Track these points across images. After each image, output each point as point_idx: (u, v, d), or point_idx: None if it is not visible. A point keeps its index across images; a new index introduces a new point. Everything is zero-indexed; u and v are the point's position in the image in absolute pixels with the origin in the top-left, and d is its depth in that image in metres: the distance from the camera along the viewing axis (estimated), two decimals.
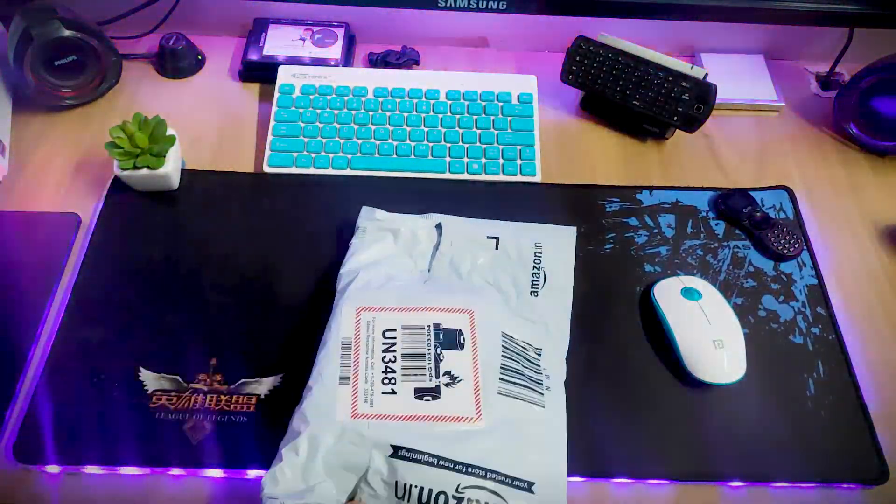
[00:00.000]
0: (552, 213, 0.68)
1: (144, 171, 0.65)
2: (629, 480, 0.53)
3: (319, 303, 0.61)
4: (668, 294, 0.61)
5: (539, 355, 0.56)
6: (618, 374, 0.58)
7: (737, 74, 0.82)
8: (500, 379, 0.52)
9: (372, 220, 0.63)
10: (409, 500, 0.46)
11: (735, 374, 0.56)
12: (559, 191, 0.70)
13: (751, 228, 0.67)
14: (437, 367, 0.52)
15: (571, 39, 0.74)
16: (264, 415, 0.55)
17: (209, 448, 0.53)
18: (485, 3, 0.72)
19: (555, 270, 0.61)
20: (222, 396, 0.55)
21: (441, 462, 0.47)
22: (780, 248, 0.65)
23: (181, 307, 0.61)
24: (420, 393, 0.50)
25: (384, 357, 0.52)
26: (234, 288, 0.62)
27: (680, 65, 0.70)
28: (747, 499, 0.53)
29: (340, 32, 0.82)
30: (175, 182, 0.68)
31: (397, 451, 0.47)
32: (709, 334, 0.57)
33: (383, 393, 0.50)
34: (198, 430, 0.54)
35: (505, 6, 0.72)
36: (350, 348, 0.52)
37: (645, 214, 0.69)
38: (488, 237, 0.62)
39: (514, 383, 0.52)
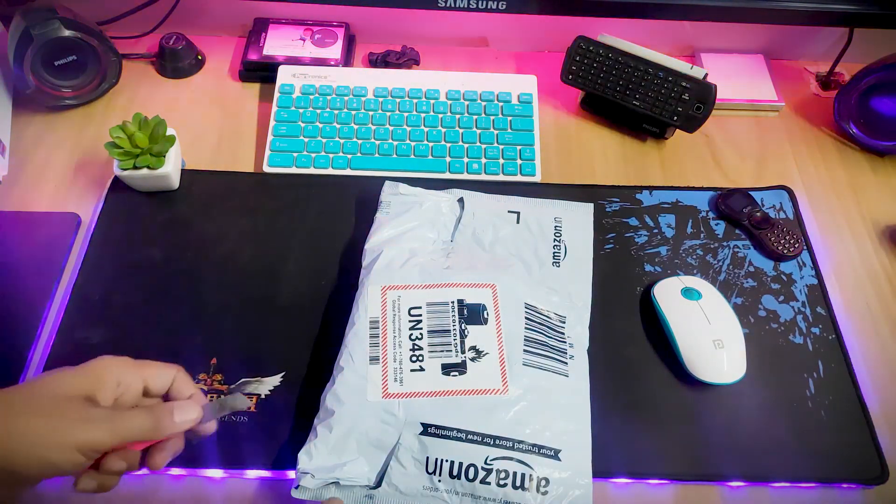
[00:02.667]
0: None
1: (144, 171, 0.65)
2: (629, 480, 0.53)
3: (320, 302, 0.61)
4: (668, 294, 0.61)
5: (563, 323, 0.57)
6: (618, 373, 0.58)
7: (737, 74, 0.82)
8: (525, 350, 0.54)
9: (396, 194, 0.64)
10: (440, 474, 0.48)
11: (735, 374, 0.56)
12: (559, 191, 0.70)
13: (751, 228, 0.67)
14: (462, 343, 0.53)
15: (571, 39, 0.74)
16: (264, 415, 0.55)
17: (209, 448, 0.53)
18: (485, 3, 0.72)
19: (575, 243, 0.63)
20: (223, 396, 0.55)
21: (469, 437, 0.49)
22: (780, 248, 0.65)
23: (181, 307, 0.61)
24: (447, 369, 0.52)
25: (411, 335, 0.53)
26: (234, 288, 0.62)
27: (680, 65, 0.70)
28: (747, 499, 0.53)
29: (340, 32, 0.82)
30: (175, 182, 0.68)
31: (427, 429, 0.49)
32: (709, 334, 0.57)
33: (412, 371, 0.52)
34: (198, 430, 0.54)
35: (505, 6, 0.72)
36: (378, 328, 0.54)
37: (645, 214, 0.69)
38: (509, 211, 0.64)
39: (539, 354, 0.54)
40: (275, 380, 0.57)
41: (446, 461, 0.48)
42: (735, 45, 0.84)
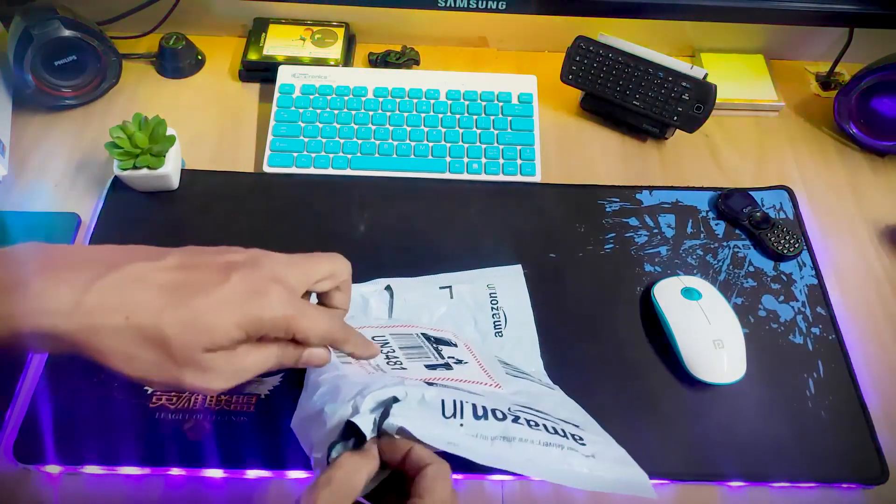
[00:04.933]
0: (552, 213, 0.68)
1: (144, 171, 0.65)
2: None
3: None
4: (668, 294, 0.61)
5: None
6: (618, 374, 0.58)
7: (737, 74, 0.82)
8: (503, 365, 0.51)
9: None
10: (461, 416, 0.39)
11: (735, 374, 0.56)
12: (559, 191, 0.70)
13: (751, 228, 0.67)
14: (439, 353, 0.49)
15: (571, 39, 0.74)
16: (264, 415, 0.55)
17: (209, 448, 0.53)
18: (485, 3, 0.72)
19: (513, 308, 0.59)
20: (222, 396, 0.55)
21: (482, 399, 0.42)
22: (780, 248, 0.65)
23: None
24: (431, 367, 0.47)
25: (382, 350, 0.48)
26: None
27: (680, 65, 0.70)
28: (747, 499, 0.53)
29: (340, 32, 0.82)
30: (175, 182, 0.68)
31: (433, 384, 0.42)
32: (709, 334, 0.57)
33: (393, 369, 0.46)
34: (198, 429, 0.54)
35: (505, 6, 0.72)
36: (343, 356, 0.45)
37: (645, 214, 0.69)
38: (441, 288, 0.60)
39: (518, 373, 0.52)
40: (275, 380, 0.56)
41: (466, 403, 0.40)
42: (735, 45, 0.84)
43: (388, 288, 0.60)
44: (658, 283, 0.62)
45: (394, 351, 0.49)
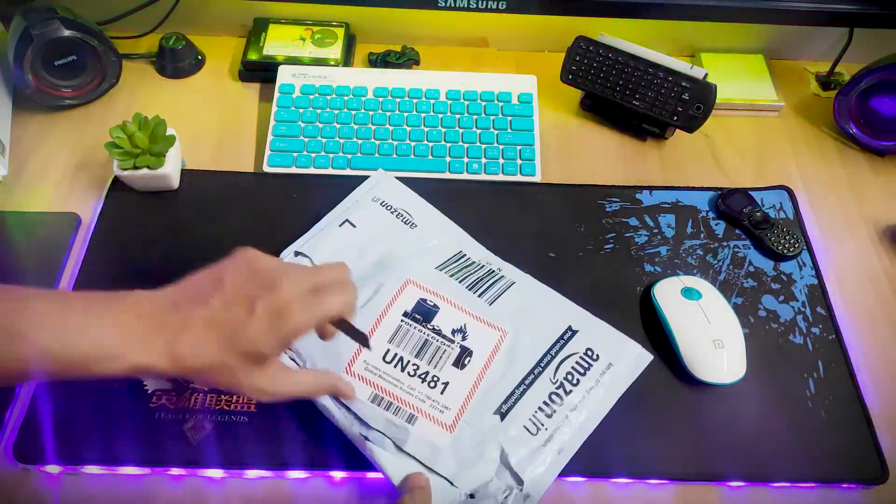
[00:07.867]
0: (552, 213, 0.68)
1: (144, 171, 0.65)
2: (629, 480, 0.53)
3: None
4: (668, 294, 0.61)
5: (466, 256, 0.62)
6: None
7: (737, 74, 0.82)
8: (478, 296, 0.57)
9: None
10: (544, 426, 0.51)
11: (735, 374, 0.56)
12: (559, 191, 0.70)
13: (751, 228, 0.67)
14: (444, 336, 0.55)
15: (571, 39, 0.74)
16: (265, 415, 0.55)
17: (209, 448, 0.53)
18: (485, 3, 0.72)
19: (408, 204, 0.65)
20: (222, 396, 0.55)
21: (527, 380, 0.53)
22: (780, 248, 0.65)
23: None
24: (458, 363, 0.54)
25: (410, 372, 0.53)
26: None
27: (680, 65, 0.70)
28: (747, 499, 0.53)
29: (340, 32, 0.82)
30: (175, 182, 0.68)
31: (502, 413, 0.52)
32: (709, 334, 0.57)
33: (441, 393, 0.52)
34: (198, 429, 0.54)
35: (505, 6, 0.72)
36: (381, 397, 0.52)
37: (645, 214, 0.69)
38: (339, 225, 0.62)
39: (485, 289, 0.58)
40: None
41: (539, 411, 0.51)
42: (735, 45, 0.84)
43: (298, 253, 0.61)
44: (658, 283, 0.62)
45: (417, 367, 0.53)
